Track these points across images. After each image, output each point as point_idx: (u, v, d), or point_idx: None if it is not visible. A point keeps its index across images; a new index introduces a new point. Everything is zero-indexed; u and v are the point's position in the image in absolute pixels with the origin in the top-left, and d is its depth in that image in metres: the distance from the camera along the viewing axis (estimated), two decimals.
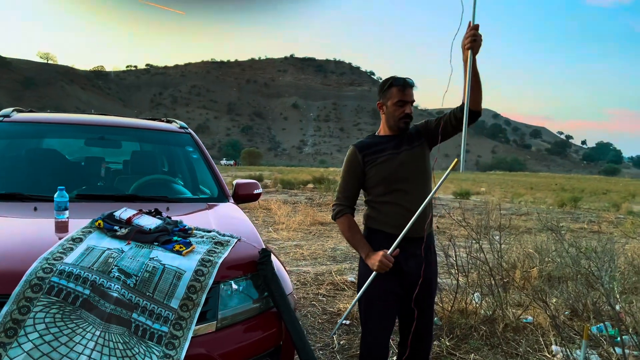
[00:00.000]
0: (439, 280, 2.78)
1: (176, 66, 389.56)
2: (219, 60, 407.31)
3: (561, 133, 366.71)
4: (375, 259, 2.40)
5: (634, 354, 3.38)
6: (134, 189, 3.29)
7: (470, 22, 2.28)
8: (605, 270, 4.12)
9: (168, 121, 4.19)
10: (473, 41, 2.26)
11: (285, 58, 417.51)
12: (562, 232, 5.37)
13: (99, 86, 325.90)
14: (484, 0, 2.29)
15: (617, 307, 4.00)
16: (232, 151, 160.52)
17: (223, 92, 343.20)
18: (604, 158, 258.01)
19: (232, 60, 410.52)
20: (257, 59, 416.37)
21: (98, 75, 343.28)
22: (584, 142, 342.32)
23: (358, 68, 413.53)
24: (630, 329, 3.50)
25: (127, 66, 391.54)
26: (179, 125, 4.02)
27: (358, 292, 2.56)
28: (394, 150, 2.51)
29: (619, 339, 3.50)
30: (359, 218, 2.53)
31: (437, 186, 2.45)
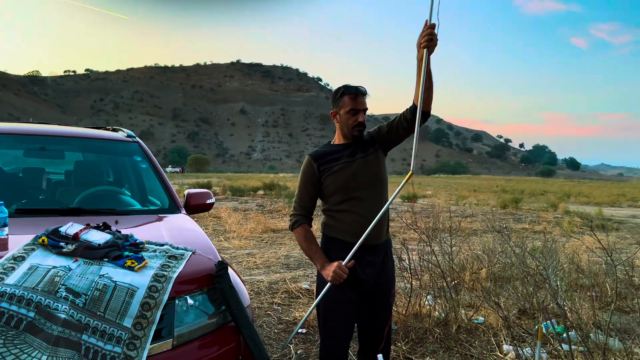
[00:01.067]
0: None
1: (118, 71, 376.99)
2: (162, 65, 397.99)
3: (500, 137, 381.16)
4: (329, 270, 2.39)
5: (579, 349, 3.53)
6: (79, 201, 3.12)
7: (427, 21, 2.29)
8: (552, 269, 4.29)
9: (114, 130, 4.02)
10: (430, 40, 2.27)
11: (232, 63, 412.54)
12: (507, 233, 5.56)
13: (35, 92, 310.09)
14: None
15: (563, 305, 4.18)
16: (178, 158, 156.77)
17: (168, 97, 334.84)
18: (540, 160, 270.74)
19: (177, 65, 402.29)
20: (202, 64, 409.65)
21: (33, 81, 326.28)
22: (521, 145, 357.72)
23: (305, 74, 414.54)
24: (575, 325, 3.65)
25: (65, 71, 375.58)
26: (126, 134, 3.86)
27: (315, 300, 2.54)
28: (348, 158, 2.51)
29: (565, 335, 3.65)
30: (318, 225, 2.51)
31: (392, 197, 2.47)
